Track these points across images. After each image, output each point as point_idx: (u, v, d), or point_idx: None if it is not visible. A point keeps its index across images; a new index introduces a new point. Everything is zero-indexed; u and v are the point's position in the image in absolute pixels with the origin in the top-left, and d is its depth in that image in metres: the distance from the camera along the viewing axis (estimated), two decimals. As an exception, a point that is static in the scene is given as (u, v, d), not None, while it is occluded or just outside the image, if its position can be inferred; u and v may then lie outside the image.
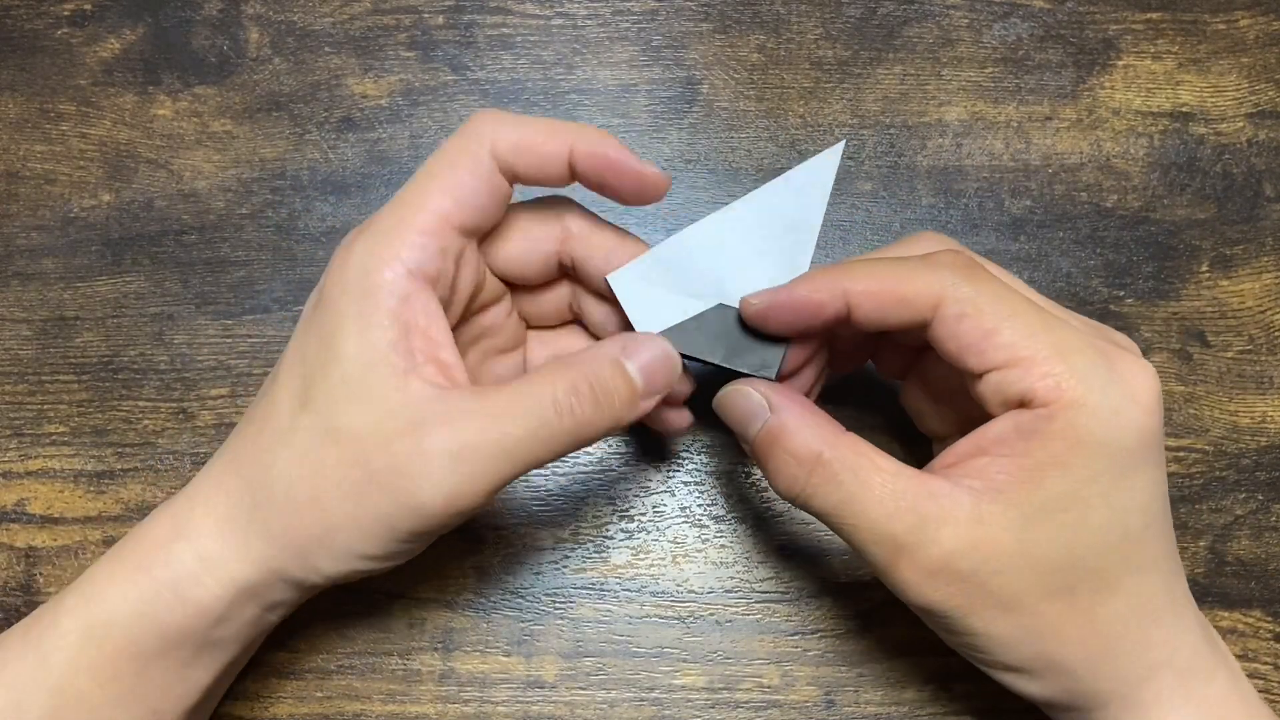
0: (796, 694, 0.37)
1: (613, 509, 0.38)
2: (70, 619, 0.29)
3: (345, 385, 0.28)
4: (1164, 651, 0.29)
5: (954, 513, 0.28)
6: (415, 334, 0.28)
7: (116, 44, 0.43)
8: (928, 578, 0.28)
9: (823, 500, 0.29)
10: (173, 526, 0.29)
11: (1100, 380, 0.27)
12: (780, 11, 0.43)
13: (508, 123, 0.30)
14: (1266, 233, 0.41)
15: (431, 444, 0.27)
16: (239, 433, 0.30)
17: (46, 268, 0.41)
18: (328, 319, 0.29)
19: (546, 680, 0.37)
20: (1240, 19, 0.43)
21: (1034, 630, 0.28)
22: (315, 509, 0.28)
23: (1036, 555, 0.28)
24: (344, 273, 0.29)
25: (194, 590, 0.29)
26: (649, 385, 0.30)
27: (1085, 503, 0.27)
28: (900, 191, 0.42)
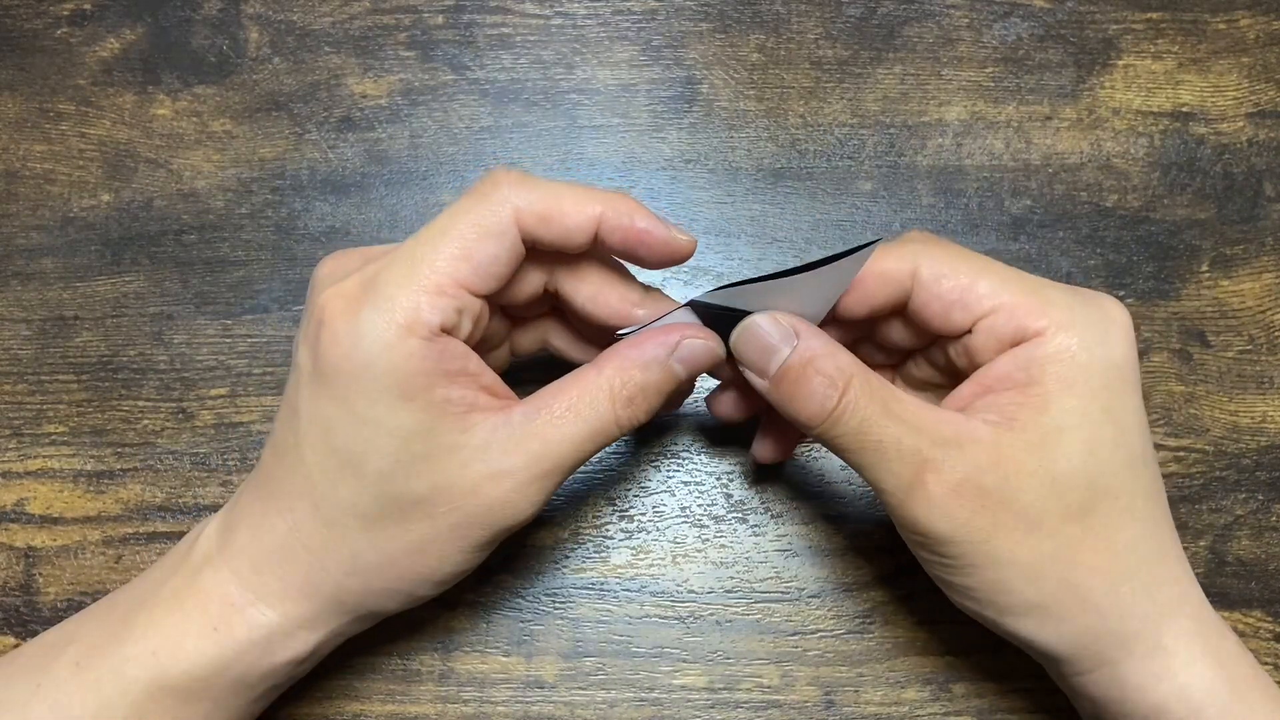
0: (796, 694, 0.37)
1: (613, 509, 0.38)
2: (137, 669, 0.29)
3: (408, 453, 0.28)
4: (1176, 590, 0.30)
5: (977, 433, 0.29)
6: (458, 379, 0.29)
7: (116, 44, 0.43)
8: (952, 495, 0.28)
9: (851, 418, 0.29)
10: (246, 590, 0.30)
11: (1080, 309, 0.29)
12: (780, 11, 0.43)
13: (533, 188, 0.29)
14: (1266, 233, 0.41)
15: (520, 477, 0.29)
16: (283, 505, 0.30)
17: (46, 267, 0.41)
18: (358, 396, 0.28)
19: (546, 680, 0.37)
20: (1240, 19, 0.43)
21: (1057, 555, 0.28)
22: (418, 557, 0.30)
23: (1055, 473, 0.28)
24: (359, 345, 0.28)
25: (286, 644, 0.30)
26: (690, 373, 0.31)
27: (1093, 419, 0.29)
28: (900, 191, 0.42)
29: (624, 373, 0.30)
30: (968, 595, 0.30)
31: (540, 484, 0.29)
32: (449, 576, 0.31)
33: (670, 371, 0.30)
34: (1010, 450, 0.28)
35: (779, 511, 0.38)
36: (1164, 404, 0.39)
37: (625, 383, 0.30)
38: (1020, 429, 0.28)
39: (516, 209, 0.29)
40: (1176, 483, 0.39)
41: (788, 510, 0.38)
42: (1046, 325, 0.29)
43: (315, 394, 0.29)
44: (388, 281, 0.28)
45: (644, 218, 0.30)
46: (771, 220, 0.41)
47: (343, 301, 0.28)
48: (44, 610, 0.38)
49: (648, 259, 0.31)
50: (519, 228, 0.29)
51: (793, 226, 0.41)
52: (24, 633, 0.37)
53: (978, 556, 0.29)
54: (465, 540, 0.30)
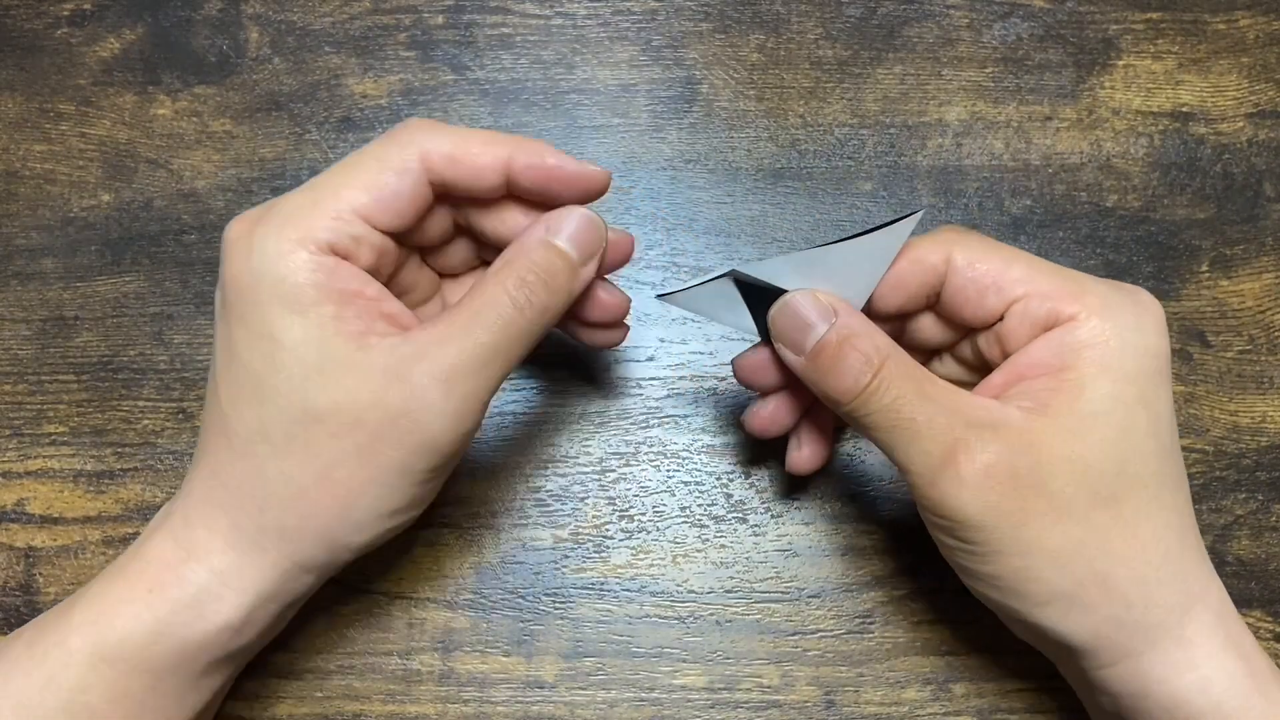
0: (796, 694, 0.37)
1: (613, 509, 0.38)
2: (78, 638, 0.29)
3: (303, 367, 0.28)
4: (1200, 582, 0.30)
5: (1009, 420, 0.29)
6: (353, 298, 0.29)
7: (116, 44, 0.43)
8: (983, 476, 0.28)
9: (884, 395, 0.29)
10: (177, 546, 0.29)
11: (1114, 295, 0.30)
12: (780, 11, 0.43)
13: (442, 132, 0.30)
14: (1266, 233, 0.41)
15: (419, 380, 0.28)
16: (205, 447, 0.30)
17: (46, 268, 0.41)
18: (251, 312, 0.28)
19: (546, 680, 0.37)
20: (1240, 19, 0.43)
21: (1085, 542, 0.28)
22: (327, 487, 0.28)
23: (1088, 459, 0.28)
24: (251, 260, 0.28)
25: (214, 606, 0.29)
26: (582, 252, 0.31)
27: (1127, 406, 0.28)
28: (900, 191, 0.42)
29: (508, 262, 0.30)
30: (992, 583, 0.29)
31: (443, 389, 0.28)
32: (369, 513, 0.29)
33: (554, 247, 0.30)
34: (1044, 435, 0.28)
35: (779, 511, 0.38)
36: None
37: (513, 268, 0.30)
38: (1054, 414, 0.28)
39: (424, 149, 0.29)
40: (1176, 483, 0.39)
41: (788, 510, 0.38)
42: (1080, 310, 0.29)
43: (223, 323, 0.29)
44: (284, 205, 0.29)
45: (554, 154, 0.30)
46: (771, 220, 0.41)
47: (242, 225, 0.29)
48: (44, 610, 0.38)
49: (564, 196, 0.31)
50: (425, 167, 0.29)
51: (793, 226, 0.41)
52: (24, 633, 0.38)
53: (1005, 542, 0.28)
54: (375, 465, 0.28)
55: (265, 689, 0.37)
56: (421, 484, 0.29)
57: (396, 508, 0.29)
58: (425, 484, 0.30)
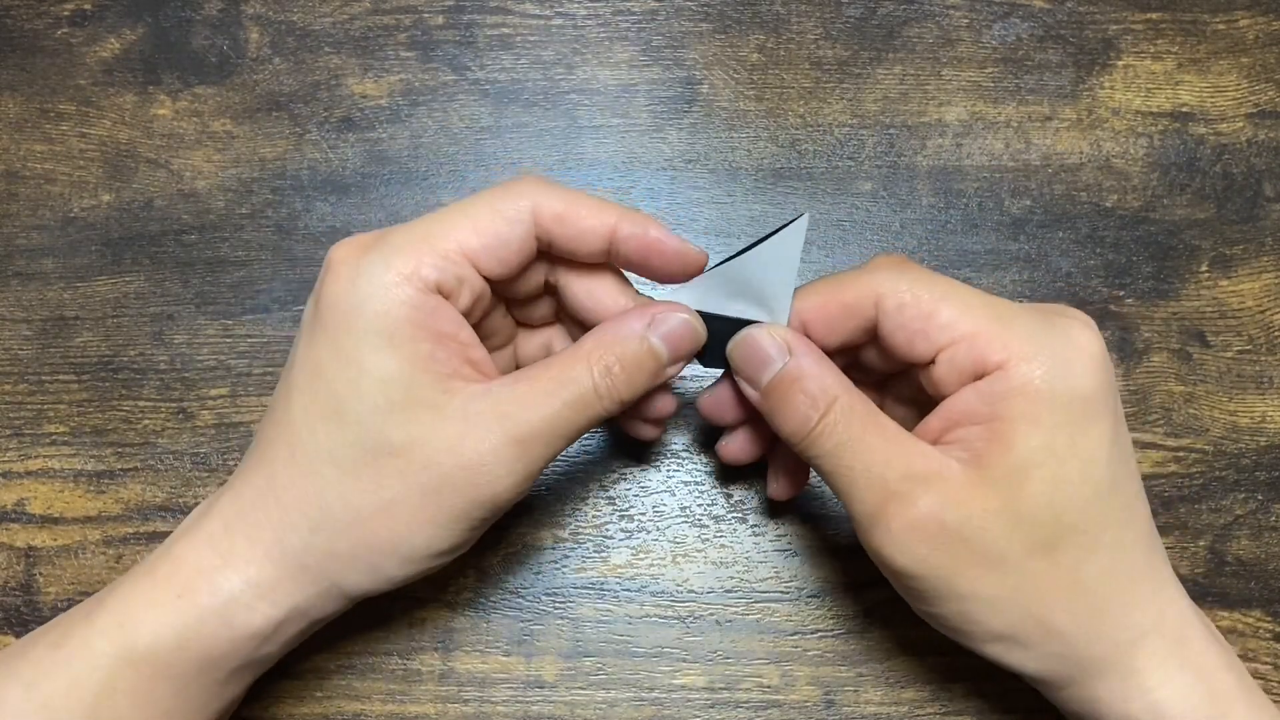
0: (796, 694, 0.37)
1: (613, 509, 0.38)
2: (105, 641, 0.28)
3: (386, 399, 0.28)
4: (1150, 613, 0.29)
5: (944, 473, 0.28)
6: (446, 341, 0.29)
7: (116, 44, 0.43)
8: (914, 530, 0.28)
9: (827, 440, 0.29)
10: (214, 554, 0.29)
11: (1044, 336, 0.29)
12: (780, 11, 0.43)
13: (555, 190, 0.30)
14: (1266, 233, 0.41)
15: (496, 439, 0.29)
16: (263, 456, 0.30)
17: (46, 268, 0.41)
18: (344, 337, 0.29)
19: (546, 680, 0.37)
20: (1240, 19, 0.43)
21: (1020, 589, 0.29)
22: (385, 519, 0.29)
23: (1020, 512, 0.28)
24: (356, 285, 0.29)
25: (244, 616, 0.29)
26: (674, 354, 0.31)
27: (1057, 455, 0.28)
28: (900, 191, 0.42)
29: (601, 345, 0.30)
30: (936, 621, 0.31)
31: (517, 450, 0.29)
32: (419, 551, 0.30)
33: (647, 345, 0.30)
34: (975, 489, 0.28)
35: (779, 511, 0.38)
36: (1164, 404, 0.39)
37: (603, 354, 0.30)
38: (986, 466, 0.28)
39: (536, 203, 0.30)
40: (1176, 483, 0.39)
41: (788, 510, 0.38)
42: (1007, 358, 0.28)
43: (310, 340, 0.30)
44: (396, 236, 0.29)
45: (657, 228, 0.31)
46: (771, 220, 0.41)
47: (350, 249, 0.30)
48: (44, 610, 0.38)
49: (660, 270, 0.31)
50: (535, 221, 0.30)
51: (793, 226, 0.41)
52: (24, 633, 0.37)
53: (940, 590, 0.29)
54: (437, 505, 0.29)
55: (265, 689, 0.37)
56: (472, 530, 0.30)
57: (444, 549, 0.30)
58: (475, 530, 0.30)
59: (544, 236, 0.30)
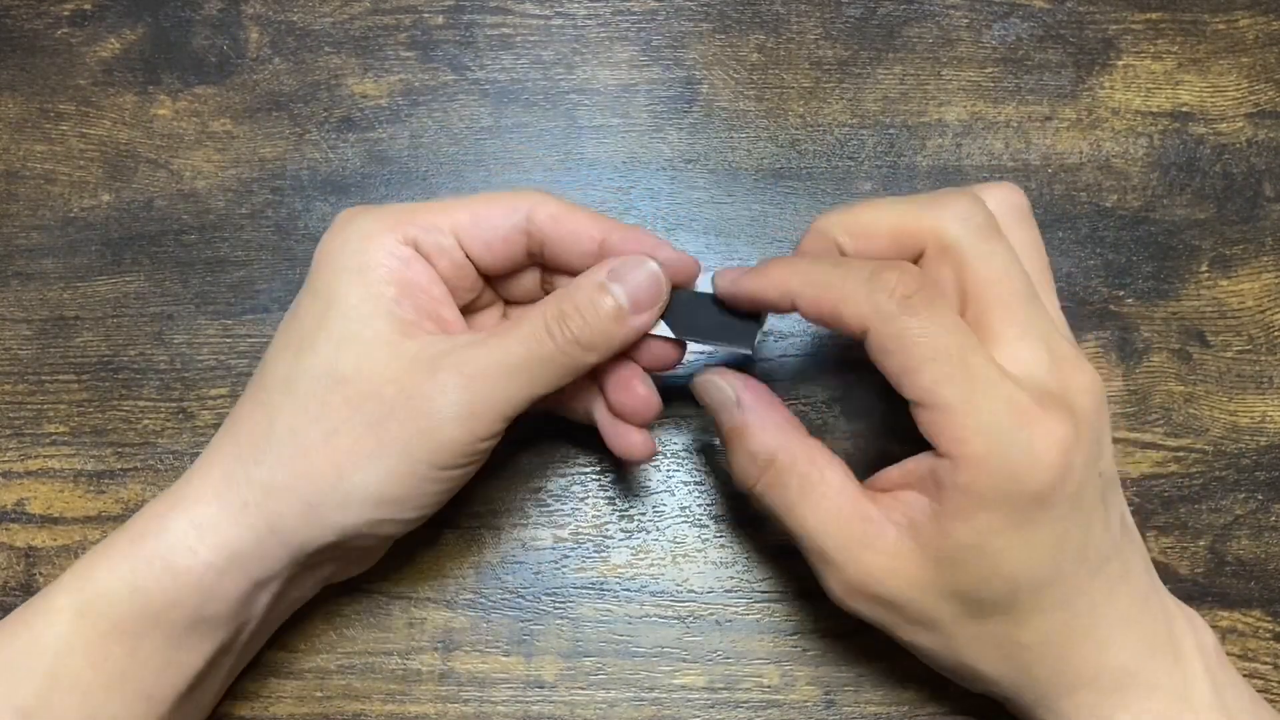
0: (796, 694, 0.37)
1: (613, 509, 0.38)
2: (64, 597, 0.29)
3: (348, 331, 0.29)
4: (1084, 673, 0.30)
5: (878, 542, 0.29)
6: (416, 291, 0.30)
7: (116, 44, 0.43)
8: (851, 593, 0.30)
9: (770, 500, 0.31)
10: (169, 496, 0.30)
11: (1004, 438, 0.27)
12: (780, 11, 0.43)
13: (554, 198, 0.32)
14: (1266, 233, 0.41)
15: (443, 372, 0.29)
16: (237, 405, 0.31)
17: (46, 268, 0.41)
18: (323, 277, 0.30)
19: (546, 680, 0.37)
20: (1240, 19, 0.43)
21: (951, 647, 0.30)
22: (326, 450, 0.29)
23: (949, 589, 0.29)
24: (343, 233, 0.31)
25: (184, 559, 0.29)
26: (635, 303, 0.31)
27: (990, 554, 0.28)
28: (900, 191, 0.42)
29: (558, 295, 0.31)
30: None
31: (463, 384, 0.29)
32: (356, 491, 0.29)
33: (605, 290, 0.30)
34: (909, 562, 0.29)
35: (779, 511, 0.38)
36: (1164, 404, 0.39)
37: (557, 300, 0.30)
38: (922, 544, 0.29)
39: (534, 203, 0.31)
40: (1176, 482, 0.39)
41: (788, 510, 0.38)
42: (960, 452, 0.27)
43: (303, 291, 0.31)
44: (393, 205, 0.31)
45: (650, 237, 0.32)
46: (771, 220, 0.41)
47: (348, 211, 0.32)
48: (44, 610, 0.38)
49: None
50: (529, 218, 0.31)
51: (793, 226, 0.41)
52: (24, 632, 0.38)
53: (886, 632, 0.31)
54: (379, 440, 0.29)
55: (265, 689, 0.37)
56: (421, 480, 0.29)
57: (386, 495, 0.29)
58: (424, 481, 0.30)
59: (536, 234, 0.31)
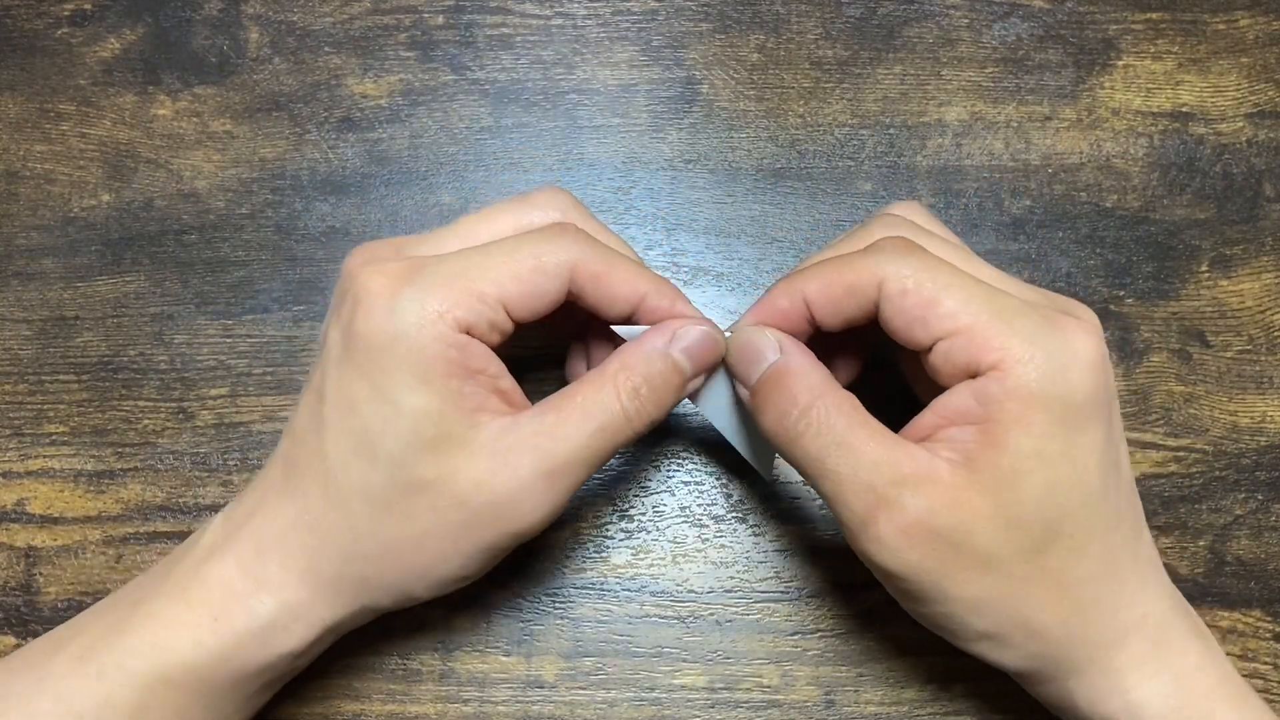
0: (796, 694, 0.37)
1: (613, 509, 0.38)
2: (140, 661, 0.29)
3: (419, 437, 0.29)
4: (1133, 614, 0.30)
5: (933, 475, 0.28)
6: (477, 375, 0.29)
7: (116, 44, 0.43)
8: (904, 535, 0.28)
9: (810, 442, 0.29)
10: (247, 577, 0.30)
11: (1043, 339, 0.28)
12: (780, 11, 0.43)
13: (595, 250, 0.31)
14: (1266, 233, 0.41)
15: (525, 473, 0.29)
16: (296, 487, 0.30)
17: (46, 268, 0.41)
18: (378, 372, 0.29)
19: (546, 680, 0.37)
20: (1240, 19, 0.43)
21: (1007, 592, 0.29)
22: (417, 551, 0.30)
23: (1010, 516, 0.28)
24: (392, 320, 0.29)
25: (281, 637, 0.30)
26: (696, 366, 0.31)
27: (1049, 460, 0.28)
28: (900, 191, 0.42)
29: (626, 367, 0.30)
30: (923, 620, 0.31)
31: (547, 483, 0.29)
32: (447, 578, 0.31)
33: (672, 361, 0.31)
34: (967, 493, 0.28)
35: (779, 511, 0.38)
36: (1164, 404, 0.39)
37: (628, 376, 0.30)
38: (977, 470, 0.28)
39: (576, 260, 0.30)
40: (1176, 482, 0.39)
41: (788, 510, 0.38)
42: (1002, 358, 0.28)
43: (342, 373, 0.29)
44: (435, 272, 0.29)
45: (685, 306, 0.32)
46: (771, 220, 0.41)
47: (385, 280, 0.29)
48: (44, 610, 0.38)
49: None
50: (572, 277, 0.30)
51: (793, 226, 0.41)
52: (24, 633, 0.37)
53: (927, 592, 0.29)
54: (467, 539, 0.30)
55: (265, 689, 0.37)
56: (498, 557, 0.31)
57: (470, 575, 0.31)
58: (500, 556, 0.31)
59: (575, 291, 0.31)
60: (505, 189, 0.42)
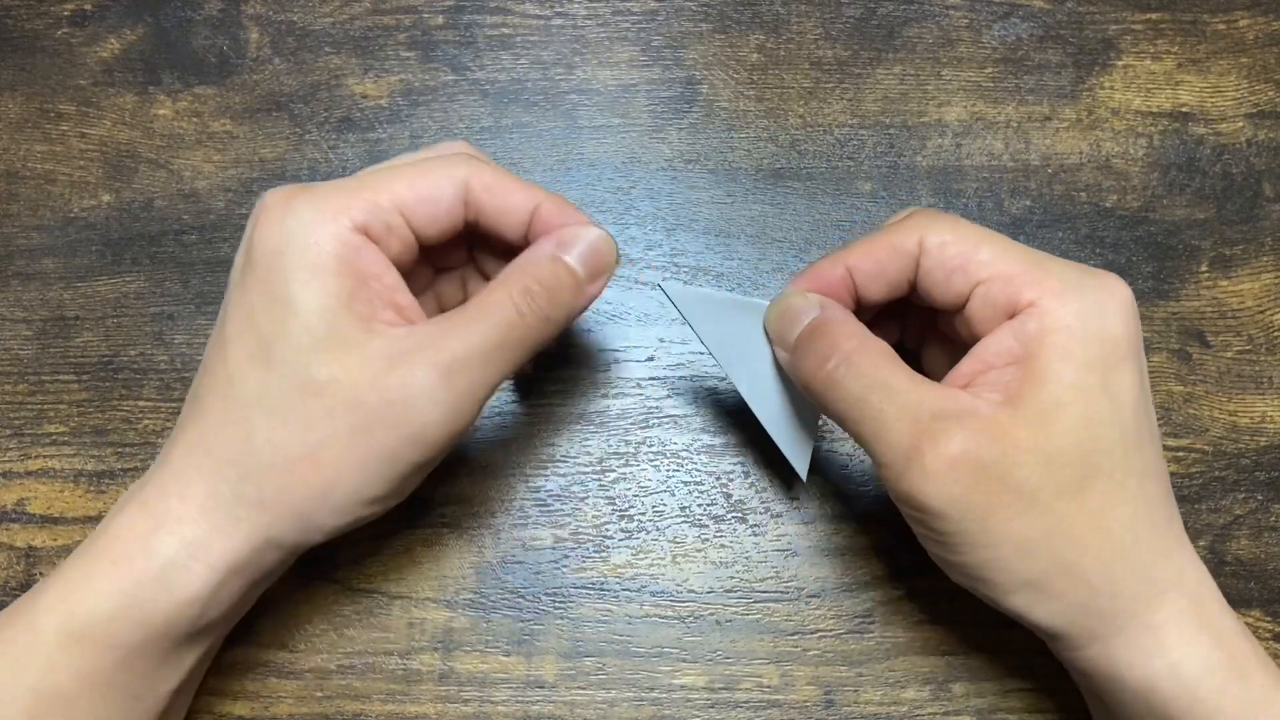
0: (796, 694, 0.37)
1: (613, 509, 0.38)
2: (47, 617, 0.28)
3: (311, 337, 0.28)
4: (1170, 569, 0.29)
5: (977, 410, 0.28)
6: (370, 281, 0.29)
7: (116, 44, 0.43)
8: (949, 468, 0.28)
9: (852, 383, 0.29)
10: (148, 517, 0.29)
11: (1078, 281, 0.29)
12: (780, 11, 0.43)
13: (487, 163, 0.31)
14: (1266, 233, 0.41)
15: (421, 368, 0.29)
16: (196, 410, 0.30)
17: (46, 268, 0.41)
18: (273, 275, 0.29)
19: (546, 680, 0.37)
20: (1240, 19, 0.43)
21: (1050, 532, 0.28)
22: (312, 464, 0.29)
23: (1051, 449, 0.28)
24: (284, 226, 0.29)
25: (181, 578, 0.29)
26: (590, 270, 0.31)
27: (1089, 393, 0.28)
28: (900, 192, 0.42)
29: (516, 270, 0.31)
30: (963, 571, 0.30)
31: (444, 380, 0.29)
32: (350, 498, 0.29)
33: (563, 263, 0.31)
34: (1009, 426, 0.28)
35: (779, 511, 0.38)
36: (1164, 404, 0.39)
37: (520, 278, 0.30)
38: (1019, 405, 0.28)
39: (469, 170, 0.31)
40: (1176, 482, 0.39)
41: (788, 510, 0.38)
42: (1041, 295, 0.29)
43: (242, 289, 0.30)
44: (327, 184, 0.30)
45: (576, 215, 0.32)
46: (771, 220, 0.41)
47: (280, 195, 0.30)
48: (44, 610, 0.38)
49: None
50: (466, 189, 0.31)
51: (792, 226, 0.41)
52: (24, 632, 0.37)
53: (972, 533, 0.29)
54: (366, 447, 0.29)
55: (265, 689, 0.37)
56: (405, 476, 0.30)
57: (376, 495, 0.30)
58: (408, 476, 0.30)
59: (472, 203, 0.31)
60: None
